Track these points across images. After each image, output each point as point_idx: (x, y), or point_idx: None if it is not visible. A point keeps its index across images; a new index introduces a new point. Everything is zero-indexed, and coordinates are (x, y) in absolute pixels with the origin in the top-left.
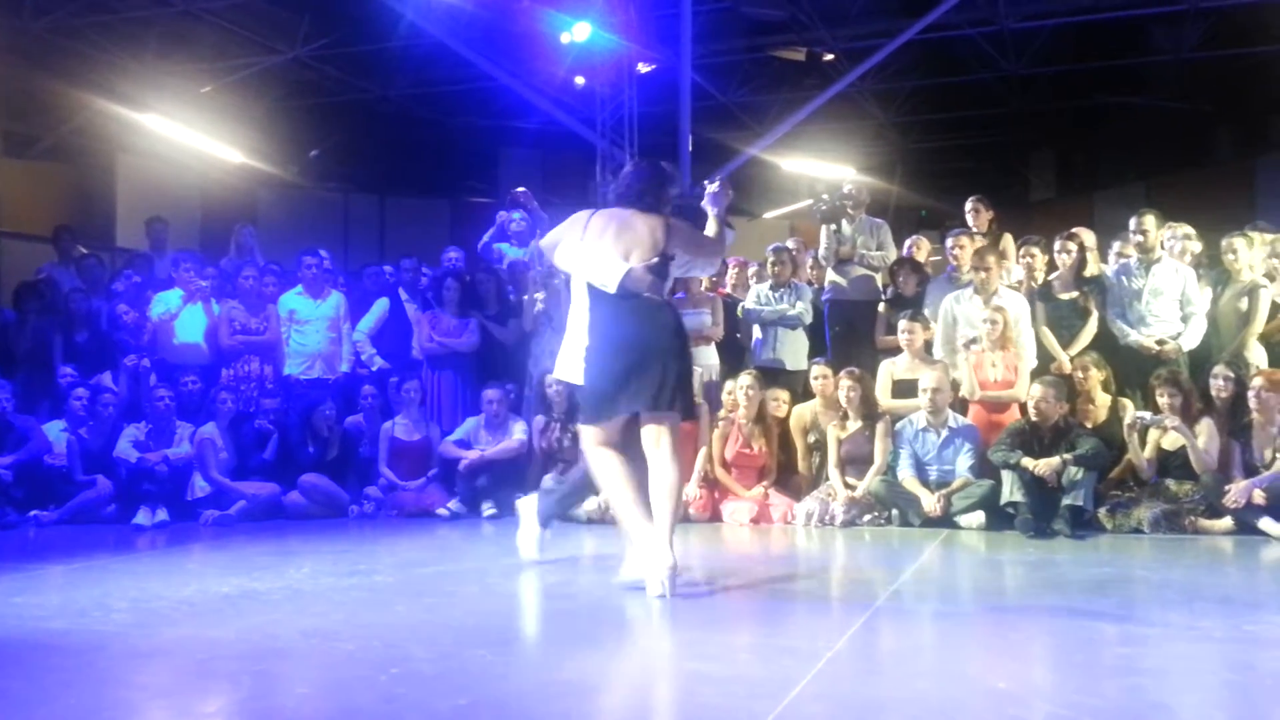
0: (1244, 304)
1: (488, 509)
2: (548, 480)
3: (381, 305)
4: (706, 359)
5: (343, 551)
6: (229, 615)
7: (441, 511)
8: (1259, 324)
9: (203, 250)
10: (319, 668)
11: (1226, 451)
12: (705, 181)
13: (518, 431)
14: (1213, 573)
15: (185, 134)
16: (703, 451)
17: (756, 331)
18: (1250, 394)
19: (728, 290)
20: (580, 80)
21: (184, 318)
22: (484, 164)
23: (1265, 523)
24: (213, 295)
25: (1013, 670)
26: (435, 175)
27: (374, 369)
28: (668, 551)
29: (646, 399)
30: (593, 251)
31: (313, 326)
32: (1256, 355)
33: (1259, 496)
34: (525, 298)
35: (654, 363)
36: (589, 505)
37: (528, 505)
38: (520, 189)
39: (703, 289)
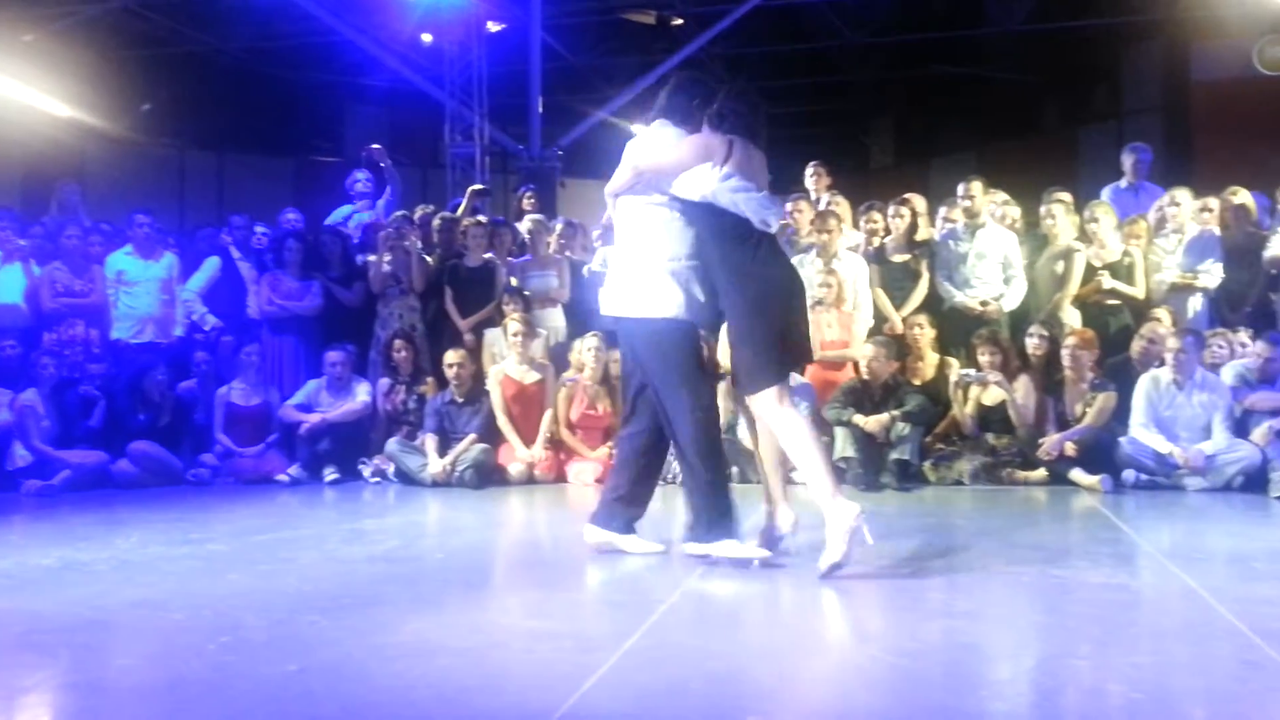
0: (1060, 267)
1: (330, 474)
2: (392, 444)
3: (212, 264)
4: (552, 321)
5: (175, 520)
6: (50, 587)
7: (281, 477)
8: (1074, 286)
9: (24, 209)
10: (145, 639)
11: (1041, 407)
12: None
13: (361, 394)
14: (1027, 521)
15: (5, 85)
16: (548, 413)
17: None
18: (1064, 352)
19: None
20: (428, 38)
21: (2, 278)
22: (329, 122)
23: (1076, 473)
24: (33, 256)
25: (838, 616)
26: (277, 133)
27: (206, 328)
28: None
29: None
30: (747, 185)
31: (143, 288)
32: (1070, 316)
33: (1070, 449)
34: (373, 259)
35: (804, 313)
36: (434, 468)
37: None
38: (375, 145)
39: (550, 250)
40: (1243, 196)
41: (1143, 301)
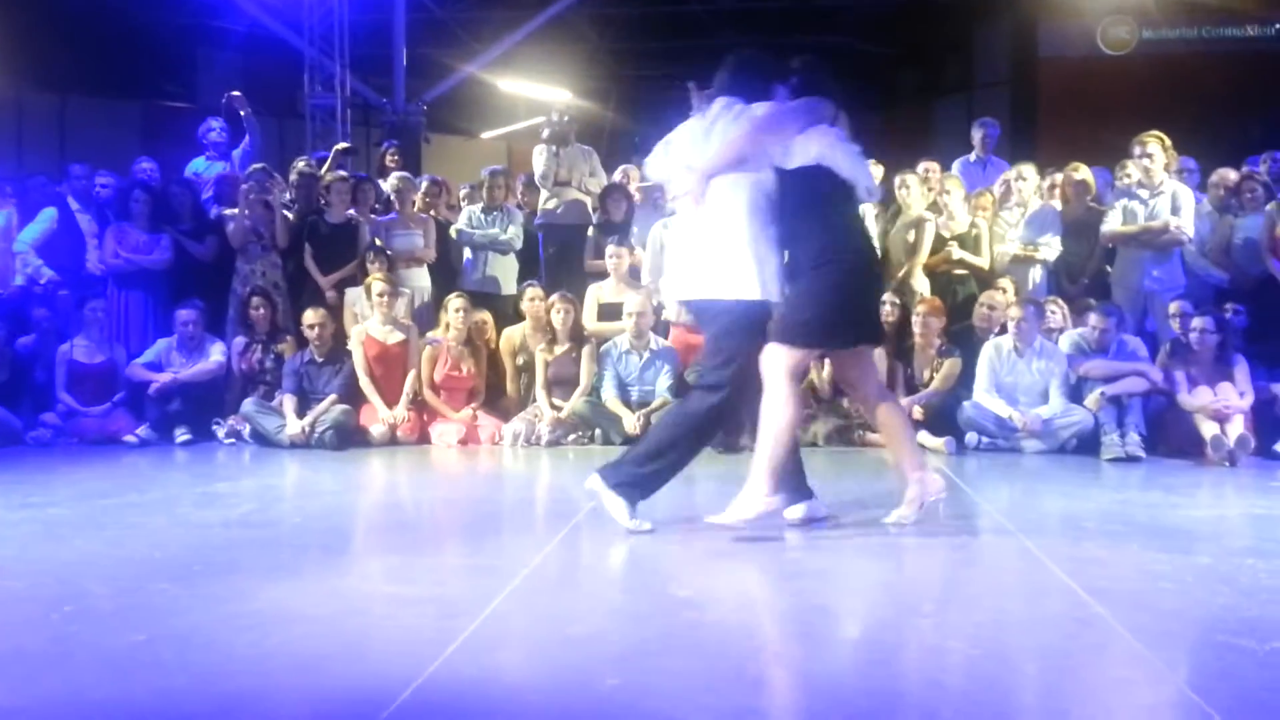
0: (911, 235)
1: (181, 435)
2: (248, 404)
3: (47, 215)
4: (417, 281)
5: (13, 483)
6: None
7: (129, 438)
8: (924, 254)
9: None
10: None
11: (891, 372)
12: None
13: (215, 353)
14: (876, 483)
15: None
16: (411, 374)
17: (467, 253)
18: (913, 319)
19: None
20: None
21: None
22: (180, 66)
23: (922, 436)
24: None
25: (696, 578)
26: (124, 75)
27: (42, 282)
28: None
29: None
30: (850, 151)
31: None
32: (920, 284)
33: (918, 412)
34: (230, 212)
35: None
36: (292, 429)
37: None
38: (235, 93)
39: (415, 209)
40: (1084, 173)
41: (987, 272)
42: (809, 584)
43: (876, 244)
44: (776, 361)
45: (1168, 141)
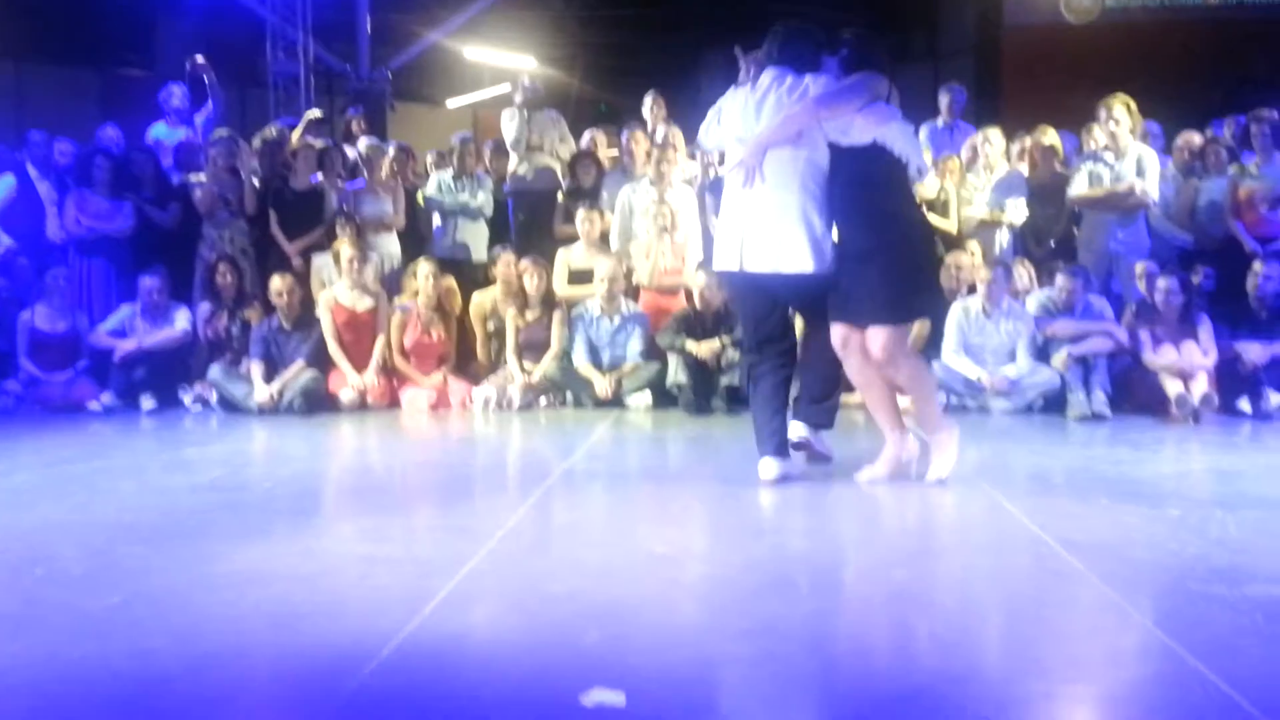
0: None
1: (147, 402)
2: (215, 371)
3: (6, 183)
4: (387, 247)
5: None
6: None
7: (93, 405)
8: None
9: None
10: None
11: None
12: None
13: (180, 320)
14: (848, 442)
15: None
16: (380, 339)
17: (437, 220)
18: None
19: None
20: None
21: None
22: (139, 34)
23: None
24: None
25: (671, 535)
26: (82, 43)
27: None
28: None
29: None
30: (906, 131)
31: None
32: None
33: None
34: (196, 179)
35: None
36: (260, 395)
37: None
38: (199, 58)
39: (383, 176)
40: (1051, 137)
41: (955, 235)
42: (785, 539)
43: None
44: (890, 338)
45: (1133, 105)
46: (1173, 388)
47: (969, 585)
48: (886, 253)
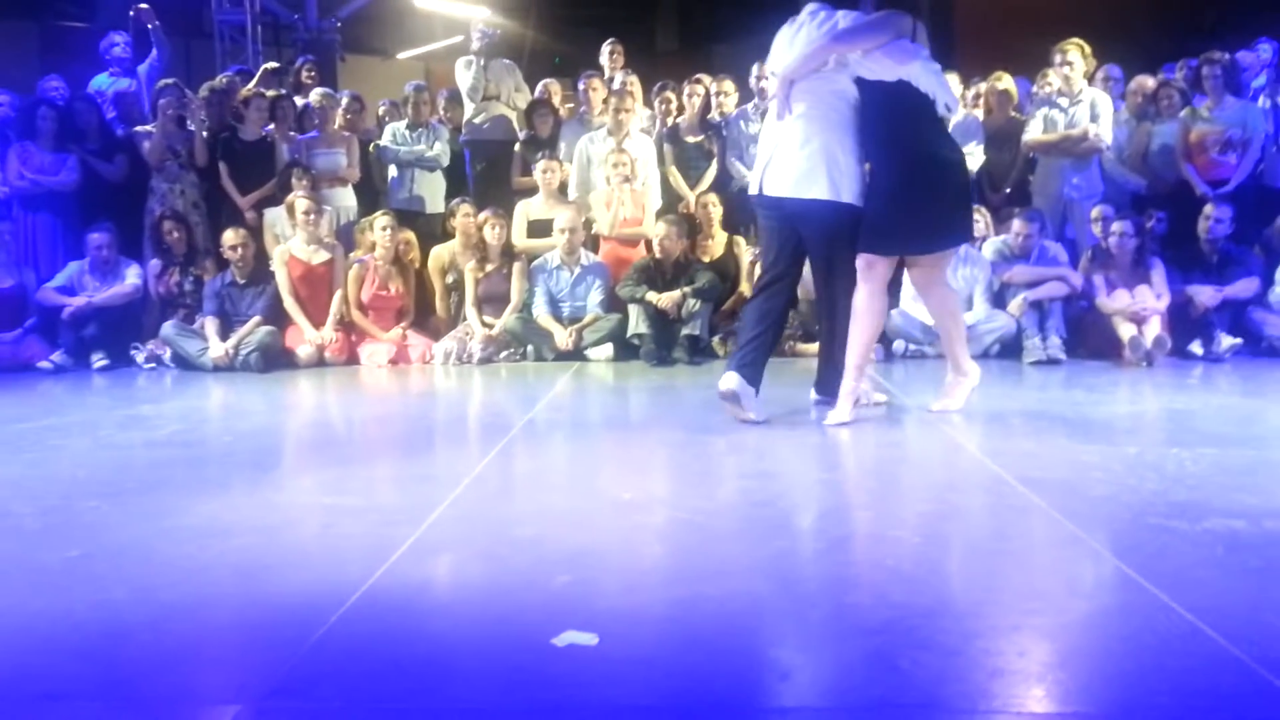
0: None
1: (98, 360)
2: (168, 328)
3: None
4: (342, 200)
5: None
6: None
7: (44, 364)
8: None
9: None
10: None
11: None
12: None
13: (131, 276)
14: (808, 389)
15: None
16: (338, 294)
17: (393, 172)
18: None
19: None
20: None
21: None
22: None
23: None
24: None
25: (637, 482)
26: None
27: None
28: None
29: None
30: (931, 68)
31: None
32: None
33: None
34: (145, 129)
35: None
36: (215, 352)
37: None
38: (143, 5)
39: (337, 127)
40: (1007, 82)
41: None
42: (750, 483)
43: None
44: (935, 267)
45: (1088, 49)
46: (1126, 331)
47: (933, 523)
48: (923, 185)
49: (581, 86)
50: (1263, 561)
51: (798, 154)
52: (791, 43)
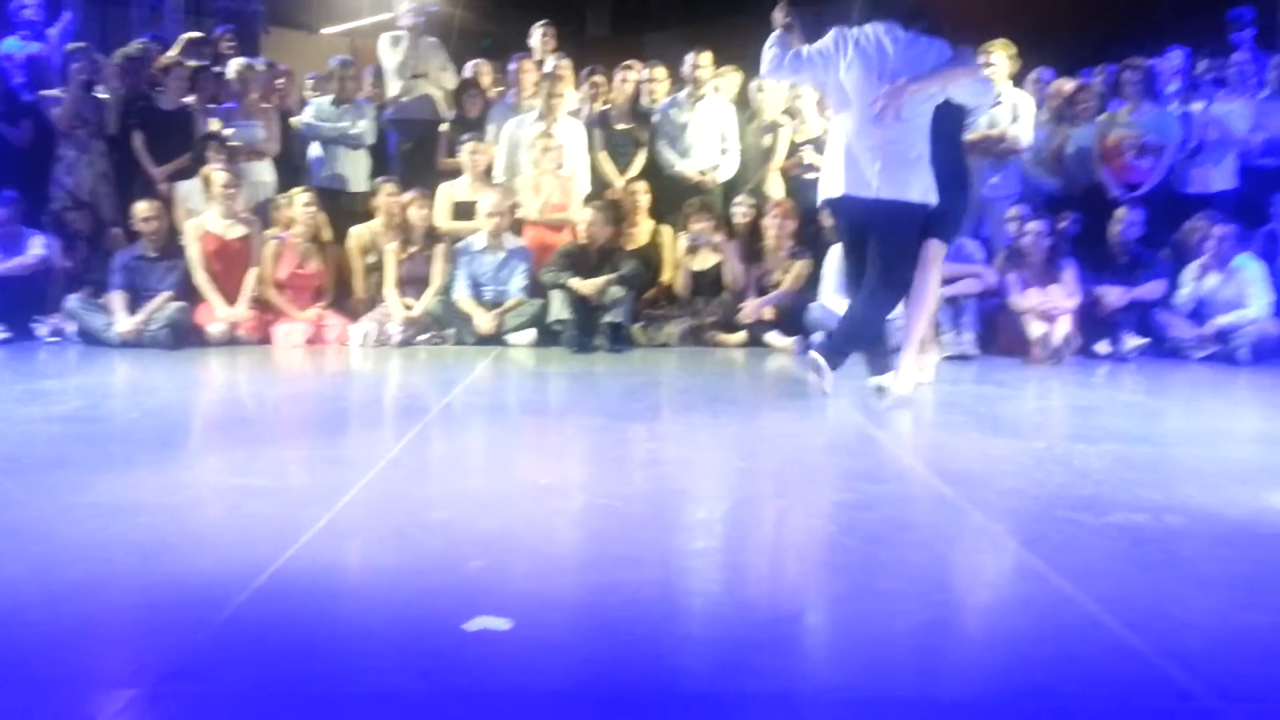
0: (767, 140)
1: (0, 333)
2: (73, 301)
3: None
4: (260, 175)
5: None
6: None
7: None
8: (779, 159)
9: None
10: None
11: (744, 273)
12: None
13: (35, 246)
14: (727, 379)
15: None
16: (253, 271)
17: (315, 149)
18: (767, 221)
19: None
20: None
21: None
22: None
23: (772, 336)
24: None
25: (555, 468)
26: None
27: None
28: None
29: None
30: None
31: None
32: (774, 187)
33: (768, 313)
34: (55, 94)
35: None
36: (122, 327)
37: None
38: None
39: (254, 99)
40: None
41: None
42: (668, 470)
43: (736, 148)
44: (942, 253)
45: (1012, 49)
46: (1037, 329)
47: (846, 512)
48: (963, 182)
49: (512, 68)
50: (1164, 555)
51: (908, 159)
52: (879, 56)
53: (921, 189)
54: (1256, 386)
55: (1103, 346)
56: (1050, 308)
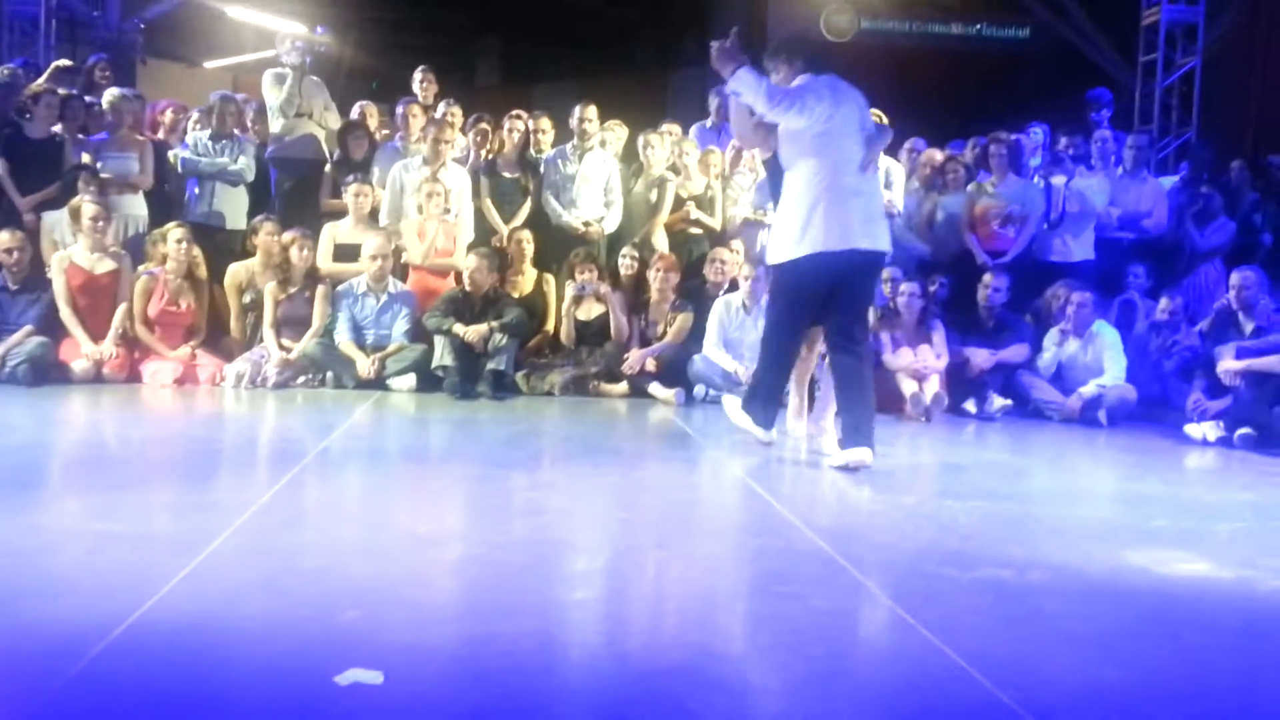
0: (654, 195)
1: None
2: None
3: None
4: (132, 209)
5: None
6: None
7: None
8: (665, 213)
9: None
10: None
11: (629, 325)
12: None
13: None
14: (609, 429)
15: None
16: (122, 308)
17: (193, 184)
18: (651, 274)
19: (159, 135)
20: None
21: None
22: None
23: (654, 387)
24: None
25: (433, 516)
26: None
27: None
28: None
29: None
30: None
31: None
32: (660, 241)
33: (651, 364)
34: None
35: None
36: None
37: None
38: None
39: (128, 131)
40: None
41: (719, 232)
42: (548, 520)
43: (620, 202)
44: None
45: (885, 119)
46: (908, 387)
47: (724, 565)
48: None
49: (400, 111)
50: (1026, 610)
51: (880, 209)
52: (856, 105)
53: (889, 239)
54: (1115, 447)
55: (970, 406)
56: (921, 367)
